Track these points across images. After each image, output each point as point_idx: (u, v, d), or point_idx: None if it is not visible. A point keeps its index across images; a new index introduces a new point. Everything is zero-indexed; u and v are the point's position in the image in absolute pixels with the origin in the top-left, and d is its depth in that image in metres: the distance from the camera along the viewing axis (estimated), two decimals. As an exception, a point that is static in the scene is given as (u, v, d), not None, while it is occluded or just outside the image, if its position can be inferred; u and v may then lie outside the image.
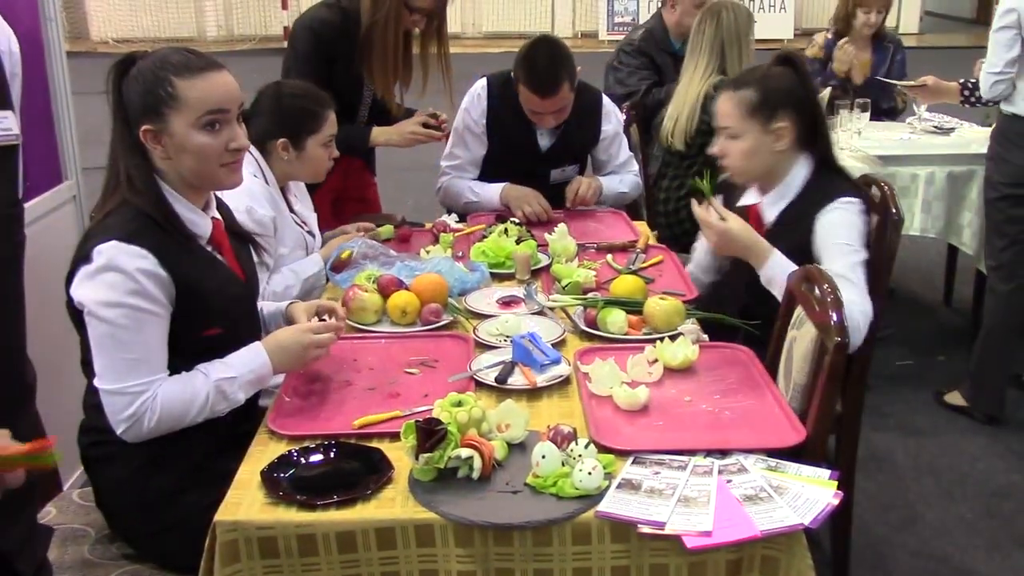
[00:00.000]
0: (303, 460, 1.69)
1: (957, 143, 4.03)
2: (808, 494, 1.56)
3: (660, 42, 4.28)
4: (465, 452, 1.59)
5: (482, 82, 3.22)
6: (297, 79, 2.94)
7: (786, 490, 1.57)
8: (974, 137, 4.12)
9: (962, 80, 3.91)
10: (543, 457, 1.58)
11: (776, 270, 2.25)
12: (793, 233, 2.34)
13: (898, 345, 4.10)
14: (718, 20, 3.50)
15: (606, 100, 3.31)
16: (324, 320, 2.06)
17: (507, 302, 2.44)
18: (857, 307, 2.12)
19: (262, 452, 1.73)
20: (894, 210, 2.41)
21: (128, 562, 1.90)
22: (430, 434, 1.58)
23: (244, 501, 1.57)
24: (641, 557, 1.52)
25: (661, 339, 2.08)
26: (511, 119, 3.14)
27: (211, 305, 1.84)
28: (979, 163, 3.75)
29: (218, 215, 1.96)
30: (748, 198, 2.49)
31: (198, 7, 16.62)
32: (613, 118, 3.31)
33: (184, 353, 1.80)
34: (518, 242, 2.73)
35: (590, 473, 1.55)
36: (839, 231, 2.28)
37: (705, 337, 2.21)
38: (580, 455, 1.59)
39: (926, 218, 3.79)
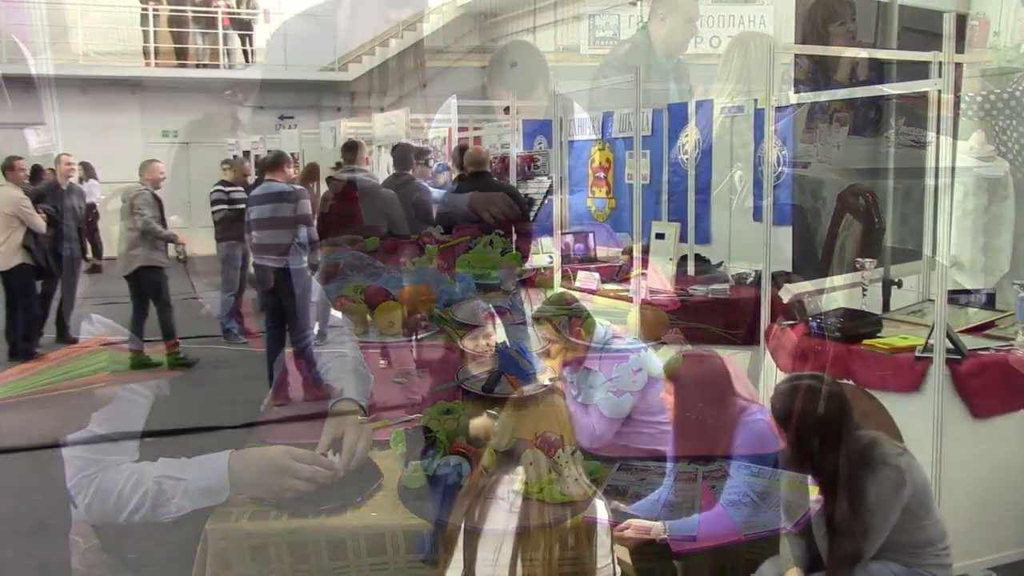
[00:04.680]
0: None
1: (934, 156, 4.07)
2: (790, 499, 1.59)
3: (645, 56, 4.37)
4: (454, 459, 1.61)
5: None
6: None
7: (768, 495, 1.60)
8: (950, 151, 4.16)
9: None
10: (530, 464, 1.60)
11: None
12: None
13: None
14: (747, 50, 3.58)
15: None
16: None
17: (493, 313, 2.46)
18: None
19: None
20: (876, 219, 2.48)
21: (116, 574, 1.90)
22: (419, 442, 1.60)
23: (235, 509, 1.58)
24: (627, 560, 1.54)
25: (645, 348, 2.11)
26: None
27: None
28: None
29: None
30: None
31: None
32: None
33: None
34: (503, 254, 2.76)
35: (576, 479, 1.57)
36: None
37: (688, 346, 2.24)
38: (567, 462, 1.61)
39: (903, 229, 3.83)
